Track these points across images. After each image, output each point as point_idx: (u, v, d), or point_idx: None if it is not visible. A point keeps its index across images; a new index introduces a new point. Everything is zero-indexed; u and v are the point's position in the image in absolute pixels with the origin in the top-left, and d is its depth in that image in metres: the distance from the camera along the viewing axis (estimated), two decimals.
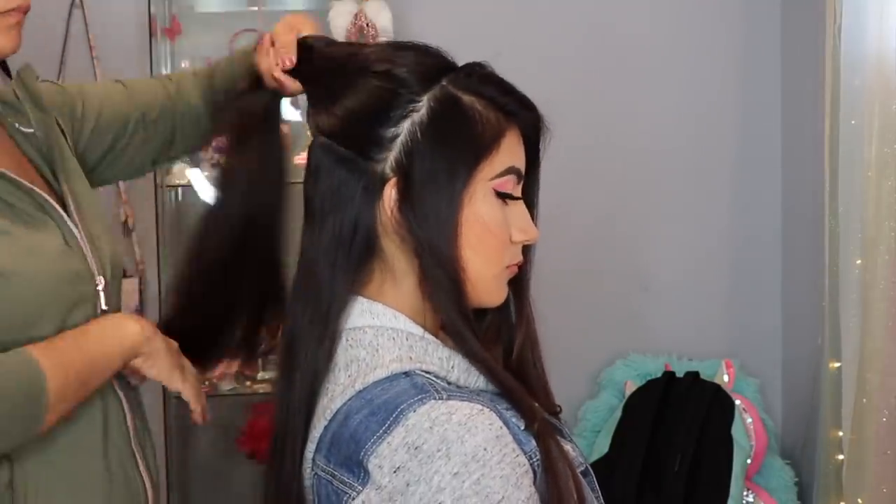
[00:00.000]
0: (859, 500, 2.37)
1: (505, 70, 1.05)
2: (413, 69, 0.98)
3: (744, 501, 2.64)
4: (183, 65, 2.86)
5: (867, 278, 2.35)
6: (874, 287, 2.33)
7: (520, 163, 1.00)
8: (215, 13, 2.93)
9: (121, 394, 1.26)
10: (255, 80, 1.25)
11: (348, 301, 1.00)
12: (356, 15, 2.68)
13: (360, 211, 0.98)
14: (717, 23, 3.00)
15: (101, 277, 1.25)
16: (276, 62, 1.17)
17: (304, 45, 1.13)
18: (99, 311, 1.24)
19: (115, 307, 1.27)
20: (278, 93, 1.22)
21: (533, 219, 1.04)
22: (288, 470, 0.98)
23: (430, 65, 0.99)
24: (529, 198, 1.04)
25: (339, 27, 2.68)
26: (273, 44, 1.21)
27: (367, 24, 2.68)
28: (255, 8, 2.82)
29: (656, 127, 2.99)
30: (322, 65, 1.07)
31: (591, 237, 2.83)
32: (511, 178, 0.99)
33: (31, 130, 1.28)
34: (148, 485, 1.28)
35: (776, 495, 2.70)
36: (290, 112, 2.85)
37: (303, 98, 1.19)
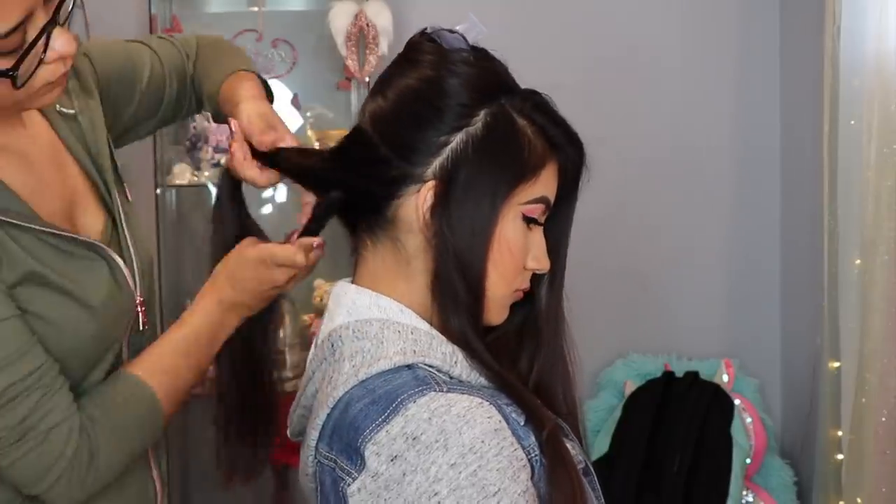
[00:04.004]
0: (858, 500, 2.37)
1: None
2: (475, 82, 1.00)
3: (743, 501, 2.64)
4: None
5: (866, 278, 2.35)
6: (873, 287, 2.33)
7: (551, 195, 1.03)
8: (216, 13, 2.94)
9: None
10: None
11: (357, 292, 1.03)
12: (356, 15, 2.69)
13: (389, 204, 1.01)
14: (716, 23, 3.00)
15: (139, 295, 1.24)
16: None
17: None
18: (137, 327, 1.24)
19: (151, 320, 1.29)
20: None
21: (563, 251, 1.07)
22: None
23: (491, 80, 1.02)
24: (562, 231, 1.08)
25: (339, 27, 2.69)
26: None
27: (367, 25, 2.68)
28: (256, 8, 2.83)
29: (656, 127, 2.99)
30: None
31: (590, 237, 2.82)
32: (541, 206, 1.02)
33: (73, 112, 1.23)
34: (158, 487, 1.29)
35: (775, 495, 2.70)
36: (292, 113, 2.86)
37: (303, 98, 1.19)
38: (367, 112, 1.04)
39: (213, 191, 2.95)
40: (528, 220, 1.01)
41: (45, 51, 1.04)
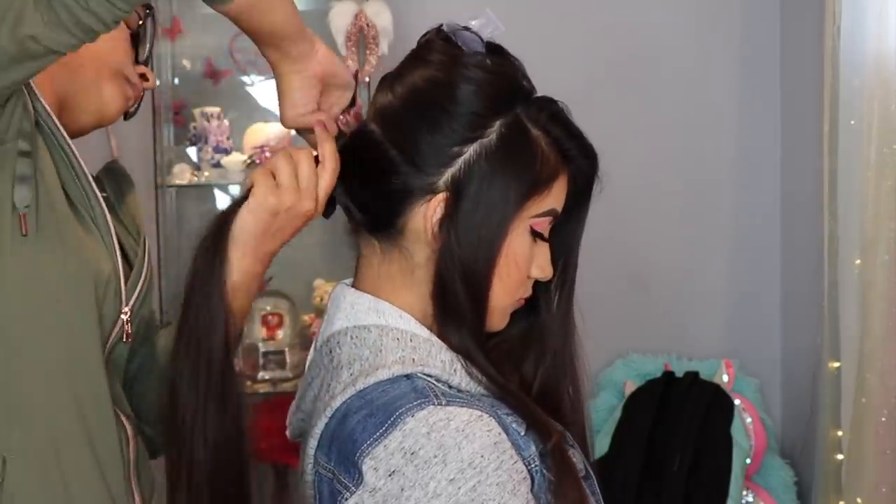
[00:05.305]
0: (858, 500, 2.37)
1: None
2: (489, 90, 0.98)
3: (743, 501, 2.64)
4: (184, 63, 2.86)
5: (866, 278, 2.35)
6: (873, 287, 2.33)
7: (560, 206, 1.02)
8: (216, 13, 2.92)
9: (125, 421, 1.22)
10: None
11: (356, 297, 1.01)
12: (356, 15, 2.68)
13: (398, 213, 0.99)
14: (716, 23, 3.00)
15: (126, 305, 1.21)
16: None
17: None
18: (121, 337, 1.21)
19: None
20: None
21: (574, 260, 1.06)
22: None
23: (507, 87, 0.99)
24: (573, 239, 1.06)
25: (339, 27, 2.68)
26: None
27: (368, 25, 2.68)
28: None
29: (656, 127, 2.99)
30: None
31: (590, 237, 2.82)
32: (549, 219, 1.00)
33: (105, 195, 1.29)
34: None
35: (775, 495, 2.70)
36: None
37: None
38: (377, 112, 1.01)
39: (214, 191, 2.95)
40: (536, 234, 0.99)
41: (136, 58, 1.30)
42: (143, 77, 1.32)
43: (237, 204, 1.02)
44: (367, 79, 2.70)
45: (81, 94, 1.25)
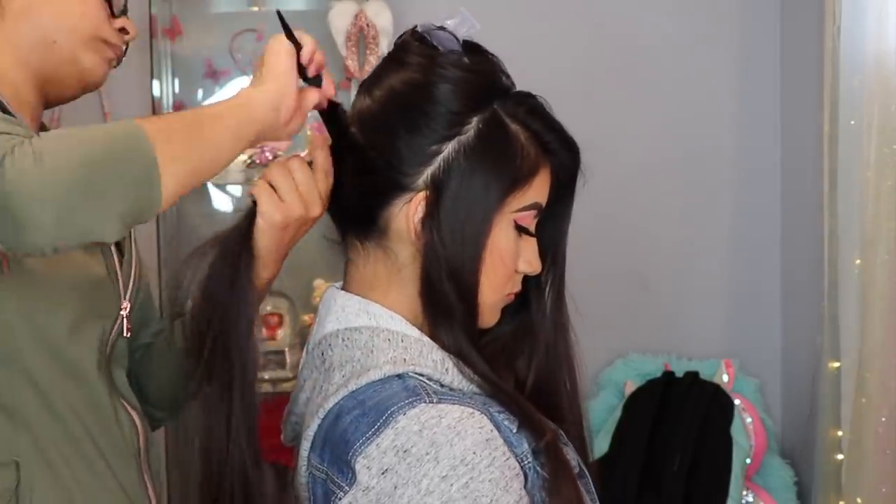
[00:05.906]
0: (858, 500, 2.37)
1: None
2: (466, 88, 0.98)
3: (743, 501, 2.64)
4: (184, 63, 2.85)
5: (866, 278, 2.35)
6: (873, 287, 2.33)
7: (543, 199, 1.01)
8: (216, 14, 2.93)
9: (133, 414, 1.24)
10: None
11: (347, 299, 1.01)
12: (356, 15, 2.68)
13: (380, 213, 0.99)
14: (716, 23, 3.00)
15: (126, 299, 1.24)
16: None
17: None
18: (121, 331, 1.23)
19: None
20: None
21: (562, 254, 1.06)
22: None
23: (483, 84, 0.99)
24: (560, 233, 1.06)
25: (339, 28, 2.68)
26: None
27: (368, 25, 2.68)
28: (256, 8, 2.83)
29: (656, 127, 2.99)
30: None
31: (590, 237, 2.82)
32: (533, 213, 1.00)
33: None
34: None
35: (775, 495, 2.70)
36: None
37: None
38: (356, 116, 1.02)
39: (214, 191, 2.95)
40: (520, 228, 0.99)
41: (112, 12, 1.23)
42: (122, 31, 1.26)
43: (247, 224, 1.02)
44: None
45: (61, 70, 1.21)
